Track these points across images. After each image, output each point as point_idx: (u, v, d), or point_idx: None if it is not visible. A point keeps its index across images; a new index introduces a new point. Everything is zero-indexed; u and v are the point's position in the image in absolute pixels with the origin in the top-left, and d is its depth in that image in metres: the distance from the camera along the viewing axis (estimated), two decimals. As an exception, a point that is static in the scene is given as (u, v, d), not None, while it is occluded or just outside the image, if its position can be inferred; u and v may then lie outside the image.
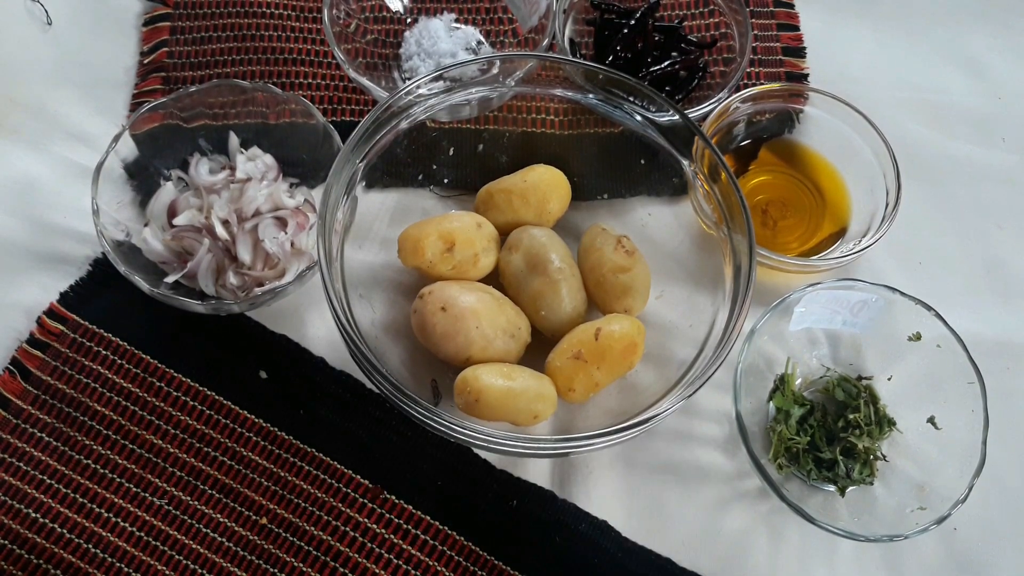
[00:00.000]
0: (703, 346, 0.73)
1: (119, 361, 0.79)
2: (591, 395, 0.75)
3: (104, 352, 0.79)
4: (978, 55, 1.00)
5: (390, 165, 0.79)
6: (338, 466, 0.77)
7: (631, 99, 0.79)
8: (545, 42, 0.87)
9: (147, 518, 0.74)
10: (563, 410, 0.77)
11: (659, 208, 0.86)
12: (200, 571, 0.73)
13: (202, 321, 0.80)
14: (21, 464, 0.75)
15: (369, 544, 0.74)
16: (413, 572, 0.74)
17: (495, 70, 0.81)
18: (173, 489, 0.75)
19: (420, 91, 0.77)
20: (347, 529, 0.75)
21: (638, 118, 0.79)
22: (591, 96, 0.81)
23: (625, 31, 0.91)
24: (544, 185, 0.80)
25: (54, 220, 0.84)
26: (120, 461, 0.76)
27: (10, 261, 0.83)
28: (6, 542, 0.73)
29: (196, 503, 0.75)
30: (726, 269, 0.74)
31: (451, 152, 0.85)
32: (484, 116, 0.86)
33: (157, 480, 0.75)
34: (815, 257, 0.85)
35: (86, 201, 0.76)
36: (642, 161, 0.82)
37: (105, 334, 0.80)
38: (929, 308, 0.77)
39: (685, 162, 0.78)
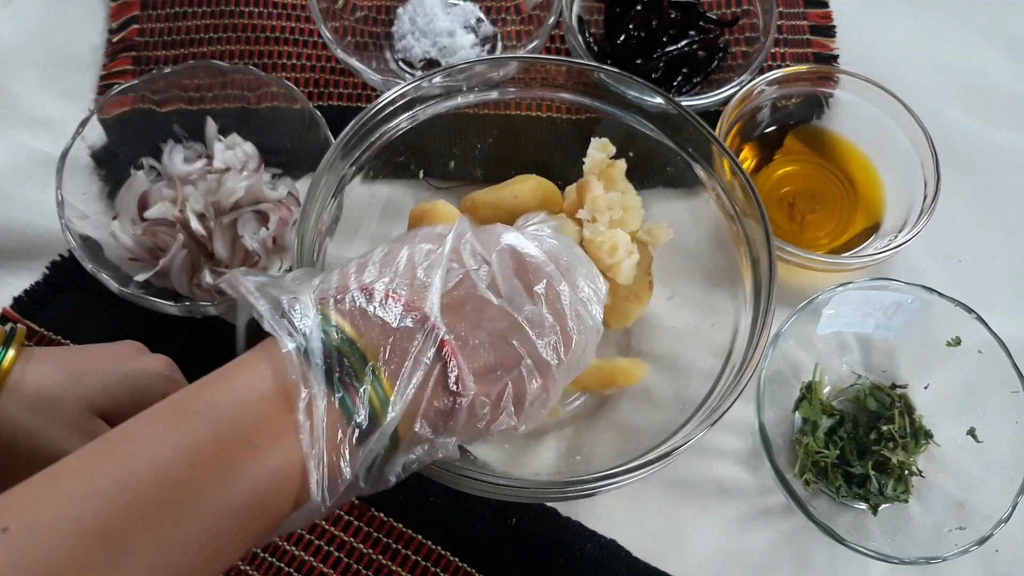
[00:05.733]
0: (728, 356, 0.73)
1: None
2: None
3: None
4: (1022, 36, 1.01)
5: (383, 157, 0.80)
6: (323, 480, 0.77)
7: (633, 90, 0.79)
8: (551, 19, 0.88)
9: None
10: (571, 430, 0.78)
11: (674, 202, 0.85)
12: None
13: (171, 323, 0.80)
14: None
15: (356, 565, 0.75)
16: (404, 596, 0.75)
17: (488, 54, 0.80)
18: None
19: (418, 91, 0.77)
20: (331, 549, 0.75)
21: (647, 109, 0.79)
22: (594, 100, 0.81)
23: (638, 7, 0.92)
24: (536, 204, 0.79)
25: (13, 214, 0.84)
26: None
27: (-41, 261, 0.83)
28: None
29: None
30: (743, 266, 0.74)
31: (449, 141, 0.86)
32: (484, 102, 0.86)
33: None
34: (846, 254, 0.86)
35: (49, 193, 0.77)
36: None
37: (63, 341, 0.81)
38: (970, 310, 0.77)
39: (698, 166, 0.78)
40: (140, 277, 0.78)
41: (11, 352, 0.62)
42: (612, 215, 0.71)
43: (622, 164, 0.75)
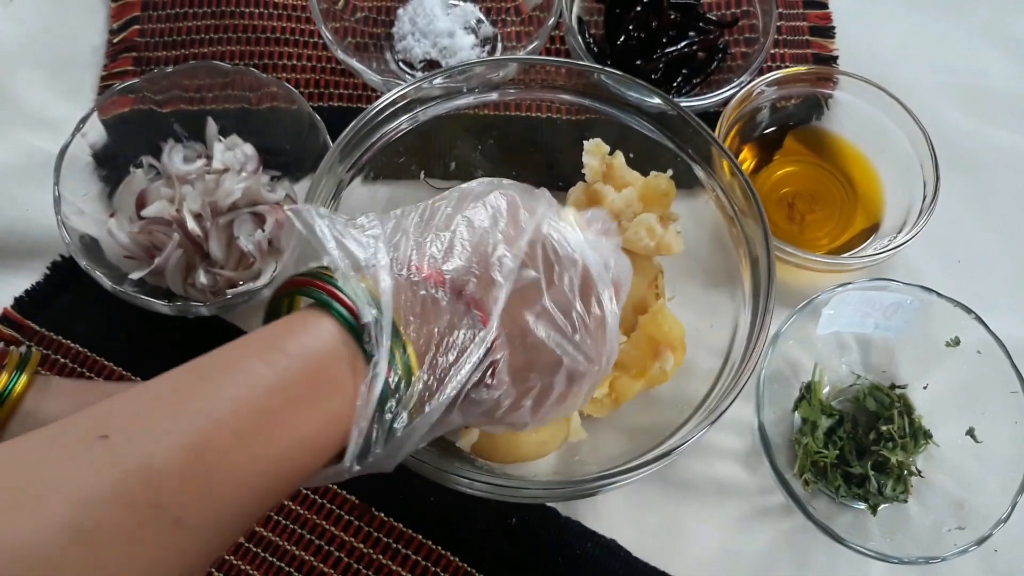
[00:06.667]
0: (727, 356, 0.73)
1: (79, 369, 0.80)
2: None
3: (63, 360, 0.80)
4: (1022, 36, 1.01)
5: (384, 158, 0.80)
6: (323, 480, 0.77)
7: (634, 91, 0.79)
8: (551, 20, 0.88)
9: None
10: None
11: (675, 203, 0.86)
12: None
13: (170, 321, 0.80)
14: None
15: (356, 565, 0.75)
16: (404, 596, 0.75)
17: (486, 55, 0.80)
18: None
19: (418, 92, 0.77)
20: (331, 549, 0.75)
21: (648, 110, 0.79)
22: (594, 101, 0.81)
23: (638, 8, 0.92)
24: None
25: (14, 213, 0.85)
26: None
27: (-40, 262, 0.83)
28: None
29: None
30: (742, 266, 0.74)
31: (449, 142, 0.86)
32: (484, 103, 0.86)
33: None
34: (846, 255, 0.86)
35: (50, 192, 0.77)
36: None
37: (64, 341, 0.81)
38: (969, 311, 0.77)
39: (698, 167, 0.78)
40: (135, 275, 0.78)
41: (24, 377, 0.63)
42: (634, 210, 0.72)
43: (619, 157, 0.75)
